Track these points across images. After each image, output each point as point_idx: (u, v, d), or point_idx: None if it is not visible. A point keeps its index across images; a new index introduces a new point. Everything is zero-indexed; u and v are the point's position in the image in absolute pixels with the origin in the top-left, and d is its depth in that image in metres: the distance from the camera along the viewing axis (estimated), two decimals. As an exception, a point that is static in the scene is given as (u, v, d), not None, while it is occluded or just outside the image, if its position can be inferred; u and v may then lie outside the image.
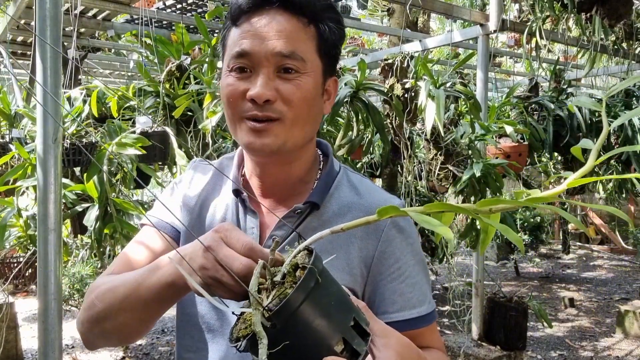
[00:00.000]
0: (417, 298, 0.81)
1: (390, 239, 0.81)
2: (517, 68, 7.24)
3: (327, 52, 0.79)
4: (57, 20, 1.48)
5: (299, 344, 0.53)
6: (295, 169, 0.83)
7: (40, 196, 1.49)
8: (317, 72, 0.78)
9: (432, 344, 0.83)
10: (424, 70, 2.36)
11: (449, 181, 2.62)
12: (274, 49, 0.74)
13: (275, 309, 0.52)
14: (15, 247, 2.45)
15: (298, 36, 0.75)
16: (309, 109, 0.77)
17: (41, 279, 1.49)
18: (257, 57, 0.74)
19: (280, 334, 0.52)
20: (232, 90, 0.76)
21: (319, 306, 0.54)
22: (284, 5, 0.75)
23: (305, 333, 0.53)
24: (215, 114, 2.00)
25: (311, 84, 0.77)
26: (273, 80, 0.74)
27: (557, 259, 7.66)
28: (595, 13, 2.68)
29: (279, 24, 0.75)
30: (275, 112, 0.75)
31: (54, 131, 1.48)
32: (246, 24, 0.76)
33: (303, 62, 0.75)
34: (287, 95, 0.74)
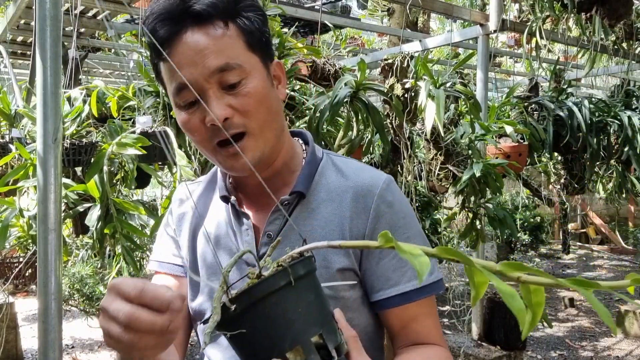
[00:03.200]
0: (413, 272, 0.79)
1: (379, 215, 0.80)
2: (517, 68, 7.24)
3: (257, 42, 0.78)
4: (57, 20, 1.48)
5: (254, 337, 0.54)
6: (278, 161, 0.84)
7: (40, 196, 1.49)
8: (257, 67, 0.77)
9: (429, 336, 0.81)
10: (424, 70, 2.36)
11: (449, 181, 2.62)
12: (209, 68, 0.73)
13: (237, 294, 0.53)
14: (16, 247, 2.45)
15: (223, 44, 0.74)
16: (268, 108, 0.78)
17: (41, 279, 1.49)
18: (196, 84, 0.73)
19: (240, 320, 0.53)
20: (192, 125, 0.76)
21: (282, 307, 0.54)
22: (195, 22, 0.74)
23: (261, 327, 0.54)
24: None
25: (259, 84, 0.76)
26: (222, 98, 0.74)
27: (557, 259, 7.66)
28: (595, 13, 2.68)
29: (200, 42, 0.73)
30: (238, 126, 0.75)
31: (54, 131, 1.48)
32: (171, 56, 0.74)
33: (241, 67, 0.74)
34: (242, 108, 0.74)
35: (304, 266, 0.56)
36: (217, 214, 0.88)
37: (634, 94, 3.78)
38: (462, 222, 2.71)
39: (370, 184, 0.82)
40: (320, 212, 0.81)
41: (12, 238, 2.17)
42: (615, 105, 3.51)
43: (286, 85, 0.86)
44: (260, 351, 0.55)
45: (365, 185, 0.82)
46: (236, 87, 0.74)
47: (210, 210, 0.89)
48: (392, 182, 0.84)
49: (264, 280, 0.53)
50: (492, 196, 2.59)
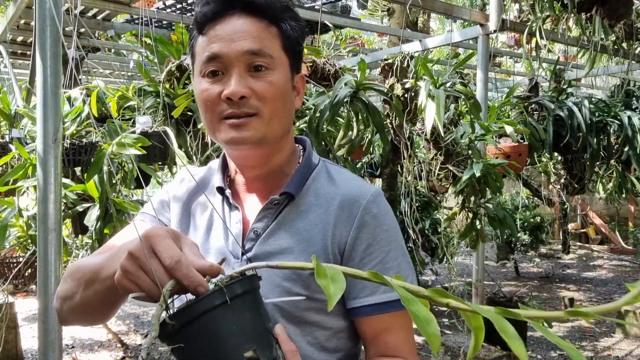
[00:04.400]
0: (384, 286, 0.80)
1: (363, 225, 0.82)
2: (517, 68, 7.24)
3: (291, 48, 0.83)
4: (57, 20, 1.48)
5: (192, 352, 0.57)
6: (275, 161, 0.86)
7: (40, 196, 1.49)
8: (285, 67, 0.82)
9: (397, 349, 0.82)
10: (424, 70, 2.36)
11: (449, 181, 2.62)
12: (242, 48, 0.78)
13: (174, 312, 0.56)
14: (15, 247, 2.45)
15: (263, 35, 0.80)
16: (283, 103, 0.82)
17: (41, 279, 1.49)
18: (227, 58, 0.78)
19: (178, 336, 0.56)
20: (208, 94, 0.80)
21: (216, 324, 0.57)
22: (245, 9, 0.79)
23: (198, 344, 0.57)
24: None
25: (282, 80, 0.81)
26: (245, 79, 0.78)
27: (557, 259, 7.66)
28: (595, 13, 2.68)
29: (244, 25, 0.79)
30: (251, 107, 0.78)
31: (54, 131, 1.48)
32: (212, 31, 0.79)
33: (271, 59, 0.79)
34: (260, 92, 0.79)
35: (242, 285, 0.59)
36: (215, 202, 0.90)
37: (634, 94, 3.78)
38: (462, 222, 2.71)
39: (358, 194, 0.84)
40: (307, 215, 0.84)
41: (12, 238, 2.17)
42: (615, 105, 3.51)
43: (302, 100, 0.90)
44: None
45: (353, 194, 0.84)
46: (260, 73, 0.79)
47: (204, 197, 0.91)
48: (380, 195, 0.86)
49: (200, 299, 0.56)
50: (492, 196, 2.59)
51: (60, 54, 1.52)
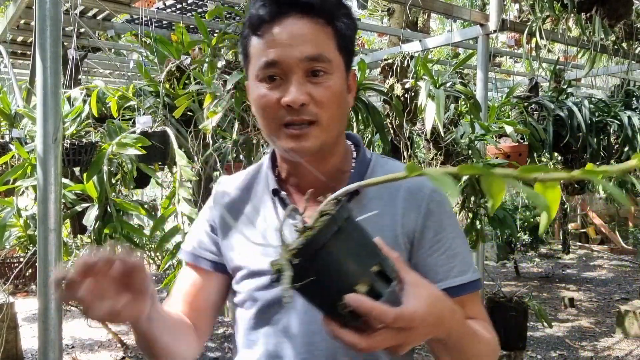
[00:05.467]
0: (459, 268, 0.84)
1: (429, 213, 0.85)
2: (517, 68, 7.23)
3: (345, 47, 0.83)
4: (57, 20, 1.48)
5: (323, 281, 0.59)
6: (331, 162, 0.87)
7: (40, 196, 1.49)
8: (341, 69, 0.83)
9: (476, 316, 0.85)
10: (424, 70, 2.36)
11: (449, 181, 2.62)
12: (301, 54, 0.78)
13: (297, 247, 0.58)
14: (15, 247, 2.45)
15: (320, 38, 0.80)
16: (340, 107, 0.83)
17: (41, 279, 1.49)
18: (286, 64, 0.78)
19: (305, 270, 0.58)
20: (267, 101, 0.80)
21: (340, 249, 0.59)
22: (301, 10, 0.79)
23: (328, 272, 0.59)
24: (215, 114, 2.00)
25: (339, 83, 0.81)
26: (304, 85, 0.78)
27: (557, 259, 7.66)
28: (595, 13, 2.68)
29: (302, 29, 0.79)
30: (310, 114, 0.79)
31: (54, 131, 1.48)
32: (269, 34, 0.79)
33: (329, 63, 0.80)
34: (319, 98, 0.79)
35: (343, 209, 0.61)
36: (264, 206, 0.90)
37: (633, 94, 3.78)
38: (462, 222, 2.71)
39: (420, 183, 0.87)
40: (372, 207, 0.84)
41: (12, 238, 2.16)
42: (615, 105, 3.51)
43: (354, 96, 0.91)
44: (332, 293, 0.59)
45: (416, 184, 0.86)
46: (319, 78, 0.79)
47: (256, 201, 0.92)
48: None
49: (318, 231, 0.58)
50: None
51: (60, 54, 1.52)
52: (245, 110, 2.02)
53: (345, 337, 0.60)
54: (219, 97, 1.98)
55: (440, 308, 0.66)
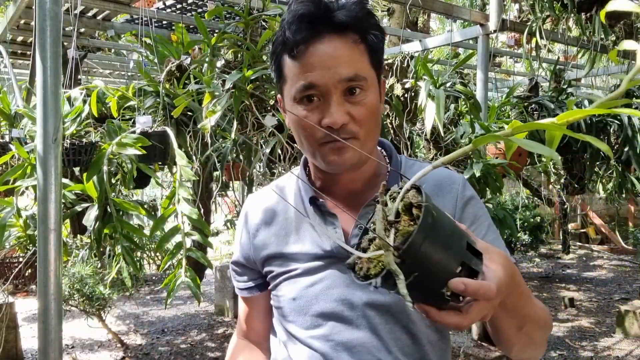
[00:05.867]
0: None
1: (466, 203, 0.90)
2: (517, 68, 7.24)
3: (377, 61, 0.86)
4: (57, 20, 1.48)
5: (426, 274, 0.59)
6: (367, 168, 0.90)
7: (40, 196, 1.49)
8: (375, 83, 0.85)
9: None
10: (424, 70, 2.36)
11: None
12: (339, 76, 0.80)
13: (404, 248, 0.57)
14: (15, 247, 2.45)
15: (355, 56, 0.82)
16: (377, 121, 0.86)
17: (41, 279, 1.49)
18: (325, 86, 0.80)
19: (409, 267, 0.58)
20: (306, 123, 0.82)
21: (438, 238, 0.59)
22: (336, 30, 0.81)
23: (430, 264, 0.59)
24: (214, 113, 2.00)
25: (374, 98, 0.84)
26: (343, 105, 0.81)
27: (557, 259, 7.66)
28: (595, 13, 2.67)
29: (337, 50, 0.81)
30: (349, 133, 0.82)
31: (54, 131, 1.48)
32: (305, 56, 0.81)
33: (365, 80, 0.82)
34: (358, 117, 0.82)
35: (427, 196, 0.61)
36: (300, 216, 0.93)
37: (634, 94, 3.78)
38: (462, 222, 2.71)
39: (451, 177, 0.93)
40: None
41: (12, 238, 2.16)
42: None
43: (383, 102, 0.94)
44: (434, 281, 0.60)
45: (448, 178, 0.92)
46: (356, 97, 0.82)
47: (291, 212, 0.95)
48: (466, 179, 0.95)
49: (420, 226, 0.57)
50: (492, 196, 2.59)
51: (60, 53, 1.52)
52: (245, 109, 2.02)
53: (448, 320, 0.61)
54: (218, 97, 1.98)
55: (511, 267, 0.67)
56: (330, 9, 0.81)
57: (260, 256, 0.95)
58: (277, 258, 0.93)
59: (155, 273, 6.11)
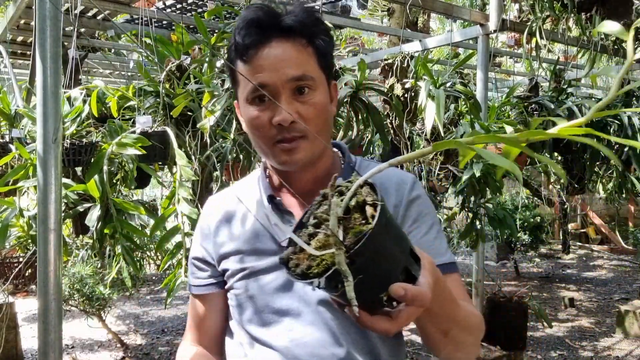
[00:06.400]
0: (436, 251, 0.90)
1: (410, 203, 0.93)
2: (517, 68, 7.23)
3: (325, 63, 0.91)
4: (57, 20, 1.48)
5: (370, 277, 0.56)
6: (320, 167, 0.94)
7: (40, 196, 1.49)
8: (324, 84, 0.90)
9: (458, 296, 0.88)
10: (424, 70, 2.36)
11: (448, 181, 2.62)
12: (287, 76, 0.85)
13: (357, 248, 0.54)
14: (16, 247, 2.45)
15: (303, 58, 0.87)
16: (326, 119, 0.90)
17: (41, 279, 1.49)
18: (274, 86, 0.85)
19: (356, 269, 0.54)
20: (260, 122, 0.87)
21: (390, 241, 0.58)
22: (283, 34, 0.86)
23: (377, 266, 0.57)
24: (213, 113, 2.00)
25: (323, 98, 0.89)
26: (292, 104, 0.85)
27: (557, 259, 7.66)
28: (595, 13, 2.68)
29: (285, 52, 0.85)
30: (300, 131, 0.86)
31: (54, 131, 1.48)
32: (255, 59, 0.85)
33: (313, 80, 0.87)
34: (306, 115, 0.86)
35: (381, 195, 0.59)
36: (258, 214, 0.96)
37: (634, 94, 3.77)
38: (462, 222, 2.71)
39: (401, 177, 0.97)
40: None
41: (12, 238, 2.16)
42: (615, 105, 3.51)
43: (337, 104, 0.99)
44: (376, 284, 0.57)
45: (399, 179, 0.96)
46: (305, 96, 0.87)
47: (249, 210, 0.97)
48: (417, 179, 0.98)
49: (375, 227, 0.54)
50: (492, 196, 2.59)
51: (60, 54, 1.52)
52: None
53: (378, 326, 0.60)
54: (217, 96, 1.98)
55: (437, 273, 0.68)
56: (278, 14, 0.86)
57: (220, 253, 0.97)
58: (235, 255, 0.95)
59: (155, 273, 6.10)
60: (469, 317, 0.83)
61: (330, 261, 0.55)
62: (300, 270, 0.58)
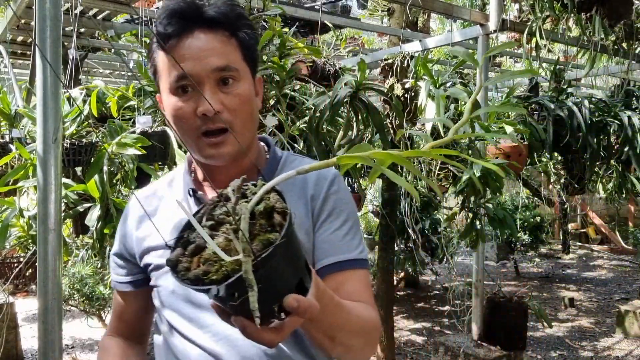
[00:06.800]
0: (346, 247, 0.91)
1: (326, 198, 0.92)
2: (517, 68, 7.23)
3: (250, 57, 0.90)
4: (57, 20, 1.48)
5: (268, 287, 0.53)
6: (246, 161, 0.93)
7: (40, 196, 1.49)
8: (248, 76, 0.89)
9: (358, 295, 0.89)
10: (424, 70, 2.36)
11: (448, 181, 2.62)
12: (211, 65, 0.83)
13: (264, 256, 0.51)
14: (16, 247, 2.45)
15: (227, 49, 0.85)
16: (251, 111, 0.89)
17: (41, 279, 1.49)
18: (197, 76, 0.83)
19: (258, 278, 0.51)
20: (183, 112, 0.85)
21: (292, 251, 0.56)
22: (206, 25, 0.84)
23: (277, 277, 0.54)
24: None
25: (247, 89, 0.88)
26: (217, 94, 0.84)
27: (557, 259, 7.66)
28: (595, 13, 2.68)
29: (208, 42, 0.84)
30: (225, 122, 0.84)
31: (54, 131, 1.48)
32: (177, 49, 0.83)
33: (237, 71, 0.86)
34: (231, 106, 0.85)
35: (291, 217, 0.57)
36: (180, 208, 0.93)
37: (633, 93, 3.78)
38: (462, 222, 2.71)
39: (324, 172, 0.95)
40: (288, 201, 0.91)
41: (12, 238, 2.16)
42: (615, 105, 3.51)
43: (262, 99, 0.98)
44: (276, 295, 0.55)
45: (319, 175, 0.94)
46: (229, 87, 0.85)
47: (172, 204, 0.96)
48: (339, 175, 0.97)
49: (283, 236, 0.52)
50: (492, 196, 2.59)
51: (61, 54, 1.52)
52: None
53: (263, 337, 0.59)
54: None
55: (318, 281, 0.67)
56: (201, 6, 0.85)
57: (142, 248, 0.96)
58: (157, 249, 0.94)
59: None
60: (358, 321, 0.82)
61: (231, 268, 0.51)
62: (193, 275, 0.53)
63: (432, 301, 5.57)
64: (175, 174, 1.02)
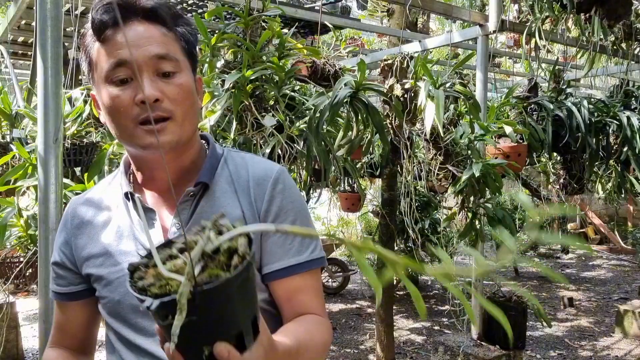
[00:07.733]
0: (296, 249, 0.89)
1: (272, 198, 0.89)
2: (517, 68, 7.24)
3: (190, 52, 0.88)
4: (57, 21, 1.49)
5: (202, 324, 0.53)
6: (186, 158, 0.90)
7: (41, 196, 1.50)
8: (189, 70, 0.86)
9: (311, 306, 0.89)
10: (424, 70, 2.36)
11: (448, 181, 2.63)
12: (150, 53, 0.80)
13: (206, 289, 0.51)
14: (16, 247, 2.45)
15: (166, 39, 0.83)
16: (192, 104, 0.86)
17: (42, 278, 1.50)
18: (136, 63, 0.79)
19: (193, 309, 0.51)
20: (121, 100, 0.80)
21: (238, 299, 0.55)
22: (143, 16, 0.82)
23: (213, 317, 0.54)
24: (213, 113, 2.01)
25: (188, 81, 0.85)
26: (156, 82, 0.81)
27: (557, 259, 7.67)
28: (595, 13, 2.68)
29: (147, 31, 0.82)
30: (165, 111, 0.81)
31: (54, 131, 1.49)
32: (114, 38, 0.80)
33: (177, 62, 0.83)
34: (172, 96, 0.81)
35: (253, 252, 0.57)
36: (119, 213, 0.91)
37: (632, 94, 3.78)
38: (461, 222, 2.72)
39: (266, 173, 0.91)
40: (224, 200, 0.88)
41: (13, 238, 2.17)
42: (614, 106, 3.51)
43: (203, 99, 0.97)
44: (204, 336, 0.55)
45: (262, 174, 0.91)
46: (170, 77, 0.82)
47: (111, 209, 0.93)
48: (284, 171, 0.93)
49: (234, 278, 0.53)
50: (491, 196, 2.59)
51: (61, 54, 1.52)
52: (244, 109, 2.03)
53: None
54: (218, 97, 1.99)
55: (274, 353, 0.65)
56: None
57: (82, 256, 0.92)
58: (97, 258, 0.90)
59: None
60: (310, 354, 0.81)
61: (174, 289, 0.52)
62: (141, 284, 0.55)
63: (431, 301, 5.58)
64: (112, 178, 0.98)
